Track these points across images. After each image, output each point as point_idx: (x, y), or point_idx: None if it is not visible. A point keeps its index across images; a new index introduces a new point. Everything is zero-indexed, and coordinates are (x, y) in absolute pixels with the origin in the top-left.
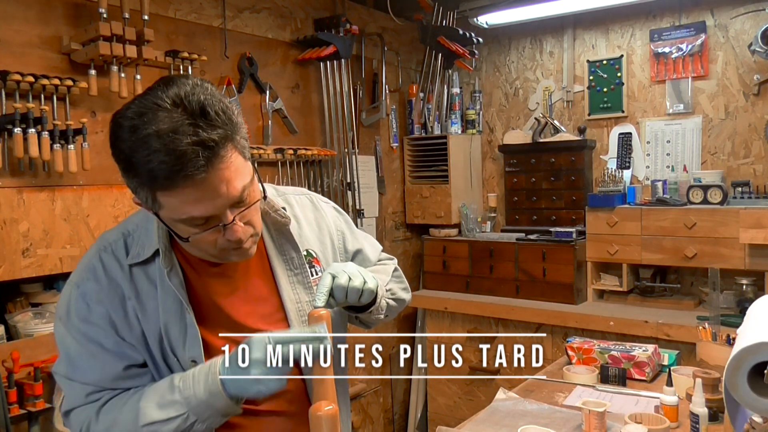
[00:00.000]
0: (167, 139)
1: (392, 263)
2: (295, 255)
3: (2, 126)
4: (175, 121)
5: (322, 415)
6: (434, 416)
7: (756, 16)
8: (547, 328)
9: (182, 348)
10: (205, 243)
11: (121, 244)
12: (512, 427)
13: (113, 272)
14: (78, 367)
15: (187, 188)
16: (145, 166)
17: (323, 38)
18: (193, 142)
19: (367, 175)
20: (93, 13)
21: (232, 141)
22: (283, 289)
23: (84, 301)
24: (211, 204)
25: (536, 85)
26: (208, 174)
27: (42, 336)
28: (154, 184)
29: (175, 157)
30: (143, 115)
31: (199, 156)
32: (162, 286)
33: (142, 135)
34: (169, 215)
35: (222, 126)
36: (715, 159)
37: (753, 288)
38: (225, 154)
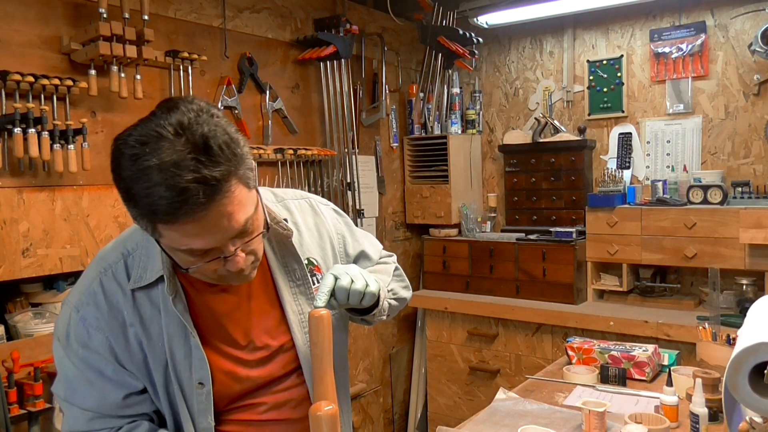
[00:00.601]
0: (168, 173)
1: (393, 261)
2: (297, 267)
3: (2, 126)
4: (178, 153)
5: (322, 415)
6: (434, 416)
7: (756, 16)
8: (547, 328)
9: (188, 371)
10: (204, 271)
11: (121, 266)
12: (512, 427)
13: (114, 298)
14: (77, 391)
15: (187, 224)
16: (146, 198)
17: (323, 38)
18: (195, 179)
19: (367, 175)
20: (93, 13)
21: (235, 176)
22: (286, 301)
23: (84, 327)
24: (212, 238)
25: (536, 85)
26: (208, 210)
27: (42, 336)
28: (154, 217)
29: (176, 193)
30: (145, 144)
31: (200, 194)
32: (166, 311)
33: (143, 166)
34: (169, 244)
35: (225, 162)
36: (715, 159)
37: (753, 288)
38: (227, 189)
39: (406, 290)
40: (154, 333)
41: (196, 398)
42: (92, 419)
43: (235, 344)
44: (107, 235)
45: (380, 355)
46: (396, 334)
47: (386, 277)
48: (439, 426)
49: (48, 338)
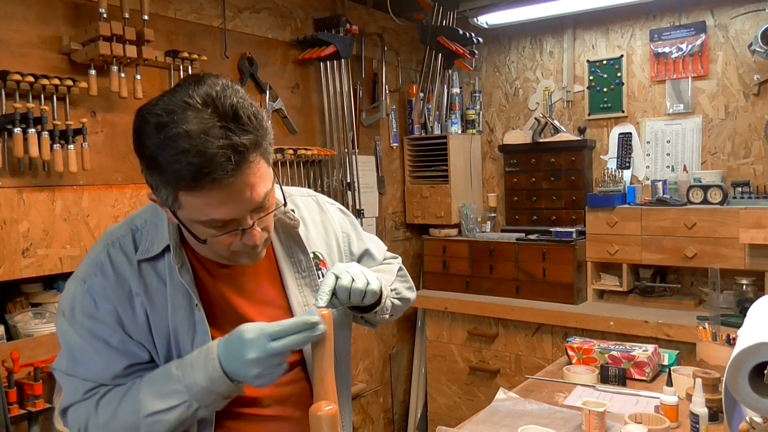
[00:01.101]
0: (197, 140)
1: (397, 262)
2: (303, 258)
3: (2, 126)
4: (206, 122)
5: (322, 415)
6: (434, 416)
7: (756, 16)
8: (547, 328)
9: (190, 345)
10: (220, 245)
11: (129, 239)
12: (512, 427)
13: (121, 268)
14: (80, 362)
15: (213, 191)
16: (172, 165)
17: (323, 38)
18: (225, 145)
19: (367, 175)
20: (93, 13)
21: (260, 147)
22: (291, 291)
23: (90, 297)
24: (234, 208)
25: (536, 85)
26: (235, 178)
27: (42, 336)
28: (179, 184)
29: (205, 159)
30: (172, 113)
31: (230, 160)
32: (172, 282)
33: (170, 134)
34: (189, 215)
35: (253, 131)
36: (715, 159)
37: (753, 288)
38: (253, 160)
39: (409, 291)
40: (158, 304)
41: None
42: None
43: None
44: None
45: (380, 355)
46: (396, 334)
47: (389, 277)
48: (439, 426)
49: (48, 338)
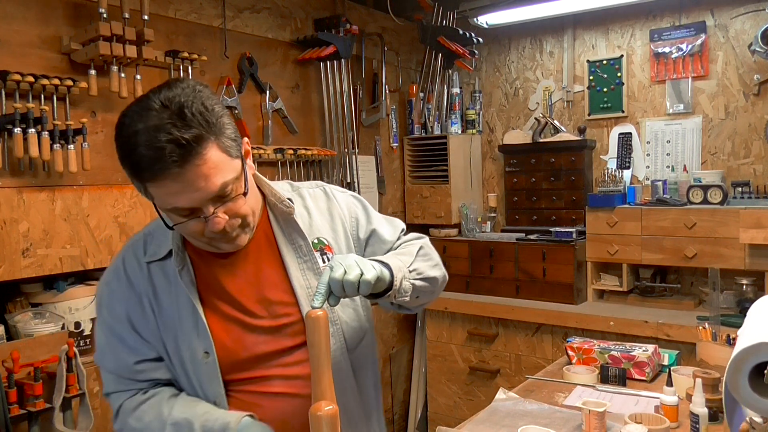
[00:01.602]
0: (149, 136)
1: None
2: (302, 243)
3: (2, 126)
4: (160, 119)
5: (322, 415)
6: (434, 416)
7: (756, 16)
8: (547, 328)
9: (196, 340)
10: (191, 232)
11: (141, 243)
12: (512, 427)
13: (132, 271)
14: (105, 356)
15: (166, 180)
16: (131, 158)
17: (323, 38)
18: (169, 140)
19: (367, 175)
20: (93, 13)
21: (208, 141)
22: (293, 275)
23: (110, 298)
24: (191, 197)
25: (536, 85)
26: (183, 169)
27: (42, 336)
28: (139, 175)
29: (153, 152)
30: (136, 114)
31: (174, 153)
32: (176, 282)
33: (131, 131)
34: (159, 205)
35: (197, 126)
36: (715, 159)
37: (753, 288)
38: (201, 152)
39: (435, 269)
40: (165, 303)
41: (203, 367)
42: (117, 381)
43: (244, 311)
44: (107, 235)
45: (380, 355)
46: (396, 334)
47: (407, 258)
48: (439, 426)
49: (48, 338)
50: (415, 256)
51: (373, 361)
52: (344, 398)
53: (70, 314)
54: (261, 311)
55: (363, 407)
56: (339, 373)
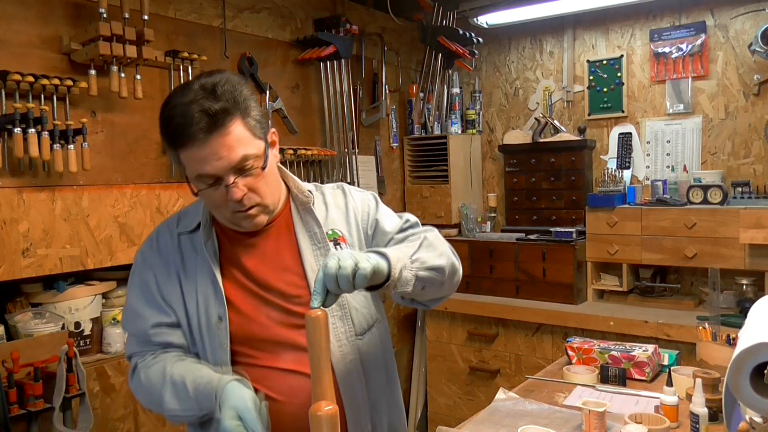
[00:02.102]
0: (183, 108)
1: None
2: (317, 230)
3: (2, 126)
4: (194, 96)
5: (322, 415)
6: (434, 416)
7: (756, 16)
8: (547, 328)
9: (214, 306)
10: (214, 201)
11: (175, 218)
12: (512, 427)
13: (164, 241)
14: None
15: (194, 147)
16: (168, 127)
17: (323, 38)
18: (200, 110)
19: (367, 175)
20: (93, 13)
21: (234, 115)
22: (306, 260)
23: (143, 265)
24: (213, 165)
25: (536, 85)
26: (209, 136)
27: (42, 336)
28: (173, 141)
29: (186, 120)
30: (178, 93)
31: (202, 121)
32: (201, 253)
33: (171, 105)
34: (188, 173)
35: (224, 101)
36: (715, 159)
37: (753, 288)
38: (226, 124)
39: (441, 258)
40: (190, 271)
41: (216, 332)
42: (136, 343)
43: (260, 286)
44: (107, 235)
45: None
46: (396, 334)
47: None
48: (439, 426)
49: (48, 338)
50: (419, 247)
51: (384, 350)
52: (349, 381)
53: (70, 314)
54: (275, 288)
55: (369, 394)
56: (345, 357)
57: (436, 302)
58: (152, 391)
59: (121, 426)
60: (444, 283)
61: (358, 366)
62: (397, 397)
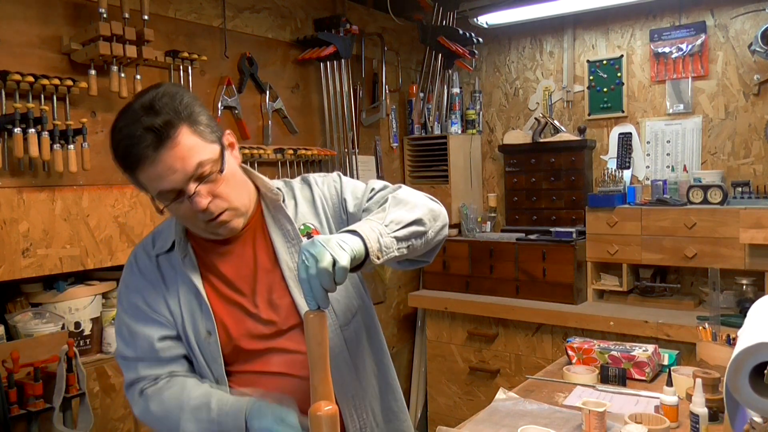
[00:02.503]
0: (128, 130)
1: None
2: (290, 227)
3: (2, 126)
4: (135, 116)
5: (321, 415)
6: (434, 416)
7: (756, 16)
8: (547, 328)
9: (201, 321)
10: (184, 215)
11: (150, 240)
12: (512, 427)
13: (143, 264)
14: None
15: (146, 165)
16: (116, 152)
17: (323, 38)
18: (143, 127)
19: (367, 175)
20: (93, 13)
21: (178, 125)
22: (281, 259)
23: (126, 291)
24: (169, 179)
25: (536, 85)
26: (158, 152)
27: (42, 336)
28: (126, 165)
29: (131, 140)
30: (121, 118)
31: (148, 138)
32: (181, 270)
33: (116, 130)
34: (150, 191)
35: (165, 114)
36: (715, 159)
37: (753, 288)
38: (172, 136)
39: (415, 210)
40: (172, 290)
41: (207, 346)
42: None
43: (241, 294)
44: (107, 235)
45: None
46: (396, 334)
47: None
48: (439, 426)
49: (48, 338)
50: (388, 208)
51: (370, 336)
52: (339, 373)
53: (70, 314)
54: (255, 294)
55: (360, 382)
56: (333, 349)
57: (432, 253)
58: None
59: (121, 426)
60: (428, 232)
61: (346, 357)
62: (391, 380)
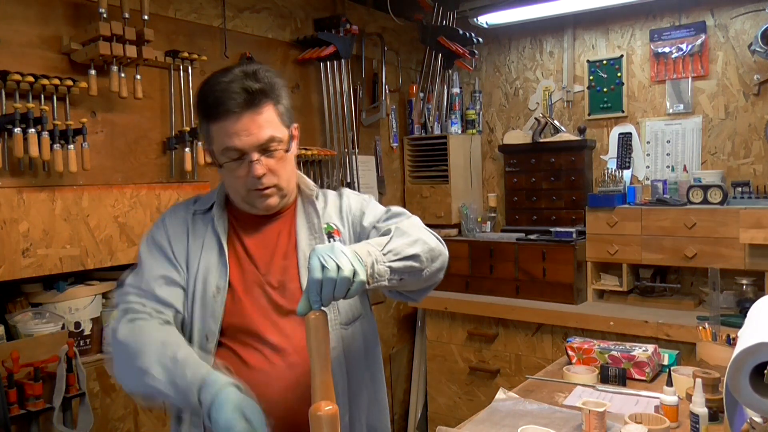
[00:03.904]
0: (225, 85)
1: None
2: (316, 221)
3: (2, 126)
4: (235, 76)
5: (322, 415)
6: (434, 416)
7: (756, 16)
8: (547, 328)
9: (214, 276)
10: (236, 176)
11: (191, 201)
12: (512, 427)
13: (181, 214)
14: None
15: (228, 120)
16: (206, 99)
17: (323, 38)
18: (240, 87)
19: (367, 175)
20: (93, 13)
21: (269, 99)
22: (300, 246)
23: (159, 228)
24: (242, 139)
25: (536, 85)
26: (243, 112)
27: (42, 336)
28: (208, 113)
29: (225, 94)
30: (220, 74)
31: (240, 97)
32: (212, 229)
33: (212, 82)
34: (216, 146)
35: (263, 83)
36: (715, 159)
37: (753, 288)
38: (260, 105)
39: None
40: (197, 243)
41: (211, 301)
42: (136, 294)
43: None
44: (107, 235)
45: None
46: (396, 334)
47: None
48: (439, 426)
49: (48, 338)
50: (391, 237)
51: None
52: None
53: (70, 314)
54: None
55: (349, 386)
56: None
57: (423, 292)
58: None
59: (121, 426)
60: (424, 270)
61: (340, 356)
62: (380, 397)
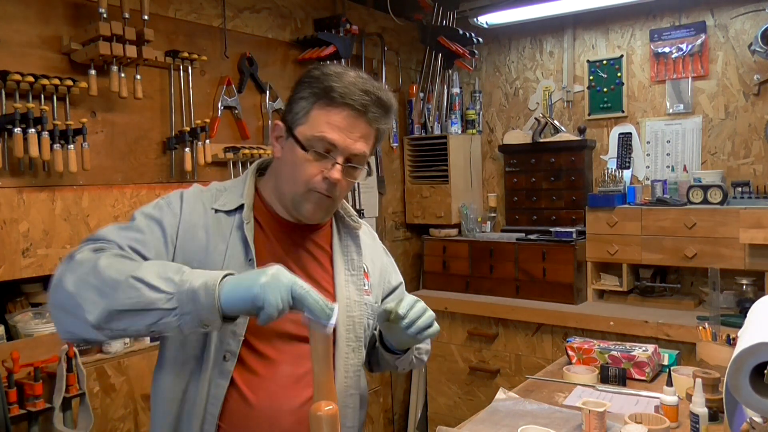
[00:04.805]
0: (365, 81)
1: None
2: (356, 258)
3: (2, 126)
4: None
5: (322, 415)
6: (434, 416)
7: (756, 16)
8: (547, 328)
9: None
10: (306, 169)
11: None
12: (512, 427)
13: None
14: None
15: (343, 111)
16: (339, 81)
17: (323, 38)
18: (377, 95)
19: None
20: (93, 13)
21: (385, 123)
22: (339, 283)
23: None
24: (340, 135)
25: (536, 85)
26: (361, 114)
27: (42, 336)
28: (333, 94)
29: (355, 88)
30: (345, 67)
31: (370, 100)
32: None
33: (352, 72)
34: (308, 130)
35: (387, 109)
36: (715, 159)
37: (753, 288)
38: (376, 121)
39: (426, 354)
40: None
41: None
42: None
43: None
44: None
45: None
46: None
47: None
48: (439, 426)
49: (48, 338)
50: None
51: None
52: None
53: None
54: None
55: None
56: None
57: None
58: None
59: (121, 426)
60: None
61: (356, 401)
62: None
